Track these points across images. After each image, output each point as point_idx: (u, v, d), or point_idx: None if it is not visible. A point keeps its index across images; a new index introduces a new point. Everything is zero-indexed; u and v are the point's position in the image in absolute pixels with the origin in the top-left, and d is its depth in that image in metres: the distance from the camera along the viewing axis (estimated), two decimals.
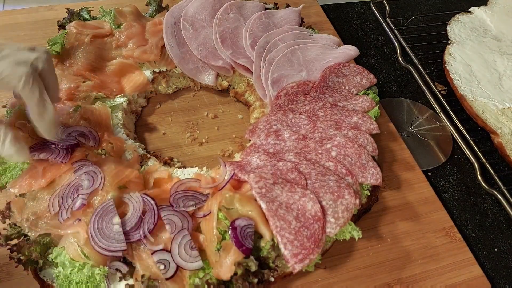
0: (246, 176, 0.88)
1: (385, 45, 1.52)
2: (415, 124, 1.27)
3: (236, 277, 0.77)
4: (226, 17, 1.22)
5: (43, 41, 1.19)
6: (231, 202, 0.84)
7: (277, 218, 0.81)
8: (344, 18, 1.61)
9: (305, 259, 0.78)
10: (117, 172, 0.87)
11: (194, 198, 0.86)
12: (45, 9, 1.39)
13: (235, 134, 1.16)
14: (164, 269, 0.76)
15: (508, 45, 1.40)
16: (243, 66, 1.16)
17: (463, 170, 1.18)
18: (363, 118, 1.05)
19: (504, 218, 1.08)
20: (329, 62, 1.15)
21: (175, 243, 0.79)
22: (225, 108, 1.22)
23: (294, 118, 1.04)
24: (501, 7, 1.53)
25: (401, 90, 1.38)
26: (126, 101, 1.10)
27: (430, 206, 1.05)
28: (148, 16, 1.27)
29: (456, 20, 1.46)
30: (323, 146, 0.97)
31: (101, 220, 0.79)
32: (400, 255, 0.95)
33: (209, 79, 1.20)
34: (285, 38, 1.19)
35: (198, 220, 0.84)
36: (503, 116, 1.18)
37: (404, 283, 0.91)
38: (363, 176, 0.94)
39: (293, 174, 0.90)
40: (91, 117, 1.00)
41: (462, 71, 1.29)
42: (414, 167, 1.12)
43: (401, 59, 1.41)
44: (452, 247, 0.98)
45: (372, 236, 0.97)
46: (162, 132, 1.14)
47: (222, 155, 1.10)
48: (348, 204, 0.86)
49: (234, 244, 0.78)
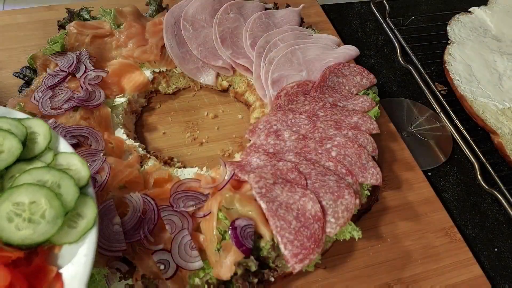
0: (246, 176, 0.88)
1: (385, 45, 1.52)
2: (415, 124, 1.27)
3: (236, 277, 0.77)
4: (226, 17, 1.22)
5: (43, 41, 1.19)
6: (231, 202, 0.84)
7: (277, 218, 0.81)
8: (344, 18, 1.61)
9: (305, 259, 0.78)
10: (117, 172, 0.87)
11: (194, 198, 0.86)
12: (45, 9, 1.39)
13: (235, 134, 1.16)
14: (164, 269, 0.76)
15: (508, 45, 1.40)
16: (243, 66, 1.16)
17: (463, 170, 1.18)
18: (363, 118, 1.05)
19: (504, 218, 1.08)
20: (329, 62, 1.15)
21: (175, 243, 0.79)
22: (225, 108, 1.22)
23: (294, 118, 1.04)
24: (501, 7, 1.53)
25: (401, 90, 1.38)
26: (126, 101, 1.10)
27: (430, 206, 1.05)
28: (148, 16, 1.27)
29: (456, 20, 1.46)
30: (323, 146, 0.97)
31: (101, 220, 0.79)
32: (400, 255, 0.95)
33: (209, 79, 1.20)
34: (285, 38, 1.19)
35: (198, 220, 0.84)
36: (503, 116, 1.18)
37: (404, 283, 0.91)
38: (363, 176, 0.94)
39: (293, 174, 0.90)
40: (91, 117, 1.00)
41: (462, 71, 1.28)
42: (414, 167, 1.12)
43: (401, 59, 1.41)
44: (452, 247, 0.98)
45: (372, 236, 0.97)
46: (162, 132, 1.14)
47: (222, 155, 1.10)
48: (348, 204, 0.86)
49: (234, 244, 0.78)
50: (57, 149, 0.73)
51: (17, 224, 0.61)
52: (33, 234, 0.61)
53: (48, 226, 0.61)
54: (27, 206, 0.62)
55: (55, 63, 1.07)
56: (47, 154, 0.71)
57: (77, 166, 0.70)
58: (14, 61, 1.21)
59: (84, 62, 1.07)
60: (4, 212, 0.60)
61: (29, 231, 0.61)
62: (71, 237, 0.63)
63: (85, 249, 0.63)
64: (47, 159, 0.71)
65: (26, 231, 0.60)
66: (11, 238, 0.60)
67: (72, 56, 1.07)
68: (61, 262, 0.62)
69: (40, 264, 0.61)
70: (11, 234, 0.60)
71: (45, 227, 0.61)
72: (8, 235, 0.60)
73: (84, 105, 1.00)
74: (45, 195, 0.63)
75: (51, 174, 0.66)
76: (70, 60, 1.06)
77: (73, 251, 0.63)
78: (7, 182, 0.67)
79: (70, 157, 0.72)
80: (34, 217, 0.61)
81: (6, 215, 0.60)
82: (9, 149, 0.68)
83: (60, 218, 0.62)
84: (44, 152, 0.71)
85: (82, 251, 0.63)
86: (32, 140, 0.72)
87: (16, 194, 0.62)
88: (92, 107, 1.01)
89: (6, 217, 0.60)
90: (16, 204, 0.61)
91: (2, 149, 0.68)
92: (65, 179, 0.66)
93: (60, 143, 0.74)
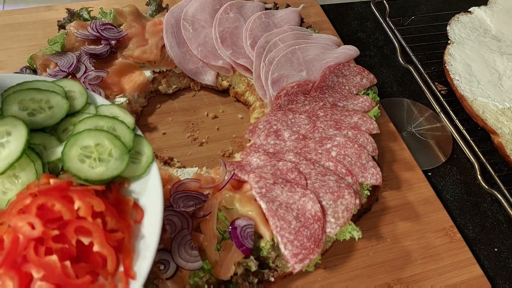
0: (246, 176, 0.88)
1: (385, 45, 1.52)
2: (415, 124, 1.27)
3: (236, 277, 0.77)
4: (226, 17, 1.22)
5: (43, 41, 1.19)
6: (231, 202, 0.84)
7: (277, 218, 0.81)
8: (344, 18, 1.61)
9: (305, 259, 0.78)
10: None
11: (194, 198, 0.86)
12: (45, 9, 1.39)
13: (235, 134, 1.16)
14: (164, 269, 0.76)
15: (508, 45, 1.40)
16: (243, 66, 1.16)
17: (463, 170, 1.18)
18: (363, 118, 1.05)
19: (504, 218, 1.08)
20: (329, 62, 1.15)
21: (175, 243, 0.78)
22: (225, 108, 1.22)
23: (294, 118, 1.04)
24: (501, 7, 1.53)
25: (401, 90, 1.38)
26: (126, 101, 1.10)
27: (430, 206, 1.05)
28: (148, 16, 1.27)
29: (456, 20, 1.46)
30: (323, 146, 0.97)
31: None
32: (400, 255, 0.95)
33: (209, 79, 1.20)
34: (285, 38, 1.19)
35: (198, 220, 0.84)
36: (503, 116, 1.18)
37: (404, 283, 0.91)
38: (363, 176, 0.94)
39: (293, 174, 0.90)
40: None
41: (462, 71, 1.28)
42: (414, 167, 1.12)
43: (401, 59, 1.41)
44: (452, 247, 0.98)
45: (372, 236, 0.97)
46: (162, 132, 1.14)
47: (222, 155, 1.10)
48: (348, 204, 0.86)
49: (234, 244, 0.78)
50: (96, 103, 0.81)
51: (90, 164, 0.69)
52: (106, 170, 0.69)
53: (118, 162, 0.70)
54: (94, 148, 0.70)
55: (55, 63, 1.07)
56: (89, 108, 0.79)
57: (120, 114, 0.78)
58: (14, 61, 1.21)
59: (84, 62, 1.07)
60: (75, 156, 0.69)
61: (103, 168, 0.69)
62: (138, 170, 0.72)
63: (152, 180, 0.71)
64: (91, 111, 0.79)
65: (100, 168, 0.69)
66: (89, 175, 0.68)
67: (72, 56, 1.07)
68: (135, 195, 0.71)
69: (117, 197, 0.69)
70: (88, 172, 0.68)
71: (115, 163, 0.70)
72: (85, 173, 0.68)
73: None
74: (107, 137, 0.71)
75: (104, 121, 0.74)
76: (70, 60, 1.06)
77: (141, 184, 0.72)
78: (63, 135, 0.76)
79: (111, 108, 0.79)
80: (103, 156, 0.70)
81: (78, 157, 0.69)
82: (57, 104, 0.76)
83: (126, 154, 0.71)
84: (85, 106, 0.79)
85: (150, 182, 0.71)
86: (71, 97, 0.79)
87: (81, 139, 0.70)
88: None
89: (78, 159, 0.68)
90: (84, 147, 0.69)
91: (51, 104, 0.76)
92: (118, 124, 0.75)
93: (96, 98, 0.82)
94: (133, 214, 0.68)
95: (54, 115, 0.75)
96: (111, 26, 1.15)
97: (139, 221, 0.68)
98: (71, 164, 0.68)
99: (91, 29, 1.12)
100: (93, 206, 0.63)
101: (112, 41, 1.12)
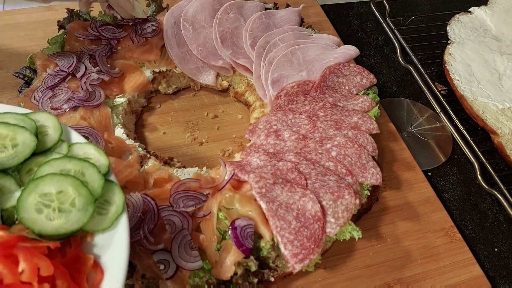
0: (246, 176, 0.88)
1: (385, 45, 1.52)
2: (415, 124, 1.27)
3: (236, 277, 0.77)
4: (226, 17, 1.22)
5: (43, 41, 1.19)
6: (231, 202, 0.84)
7: (277, 218, 0.81)
8: (344, 18, 1.61)
9: (305, 259, 0.78)
10: (117, 172, 0.87)
11: (194, 198, 0.86)
12: (45, 9, 1.39)
13: (235, 134, 1.16)
14: (164, 269, 0.76)
15: (508, 45, 1.40)
16: (243, 66, 1.16)
17: (463, 170, 1.18)
18: (363, 118, 1.05)
19: (504, 218, 1.08)
20: (329, 62, 1.15)
21: (175, 243, 0.78)
22: (225, 108, 1.22)
23: (294, 118, 1.04)
24: (501, 7, 1.53)
25: (401, 90, 1.38)
26: (126, 101, 1.10)
27: (430, 206, 1.05)
28: (148, 16, 1.27)
29: (456, 20, 1.46)
30: (323, 146, 0.97)
31: None
32: (400, 255, 0.95)
33: (209, 79, 1.20)
34: (285, 38, 1.19)
35: (198, 220, 0.84)
36: (503, 116, 1.18)
37: (404, 283, 0.91)
38: (363, 176, 0.94)
39: (293, 174, 0.90)
40: (91, 117, 1.00)
41: (462, 71, 1.28)
42: (414, 167, 1.12)
43: (401, 59, 1.41)
44: (452, 247, 0.98)
45: (372, 236, 0.97)
46: (162, 132, 1.14)
47: (222, 155, 1.10)
48: (348, 204, 0.86)
49: (234, 244, 0.78)
50: (70, 141, 0.72)
51: (48, 215, 0.59)
52: (66, 223, 0.59)
53: (80, 213, 0.61)
54: (55, 196, 0.60)
55: (55, 63, 1.07)
56: (61, 146, 0.70)
57: (94, 155, 0.69)
58: (14, 61, 1.21)
59: (84, 62, 1.07)
60: (32, 204, 0.59)
61: (62, 220, 0.59)
62: (104, 223, 0.63)
63: (119, 234, 0.62)
64: (63, 150, 0.70)
65: (59, 220, 0.59)
66: (44, 229, 0.58)
67: (72, 56, 1.07)
68: (96, 251, 0.62)
69: (76, 254, 0.60)
70: (44, 225, 0.58)
71: (77, 215, 0.60)
72: (40, 226, 0.58)
73: (84, 105, 1.00)
74: (72, 184, 0.62)
75: (73, 163, 0.65)
76: (70, 60, 1.06)
77: (106, 238, 0.63)
78: (25, 177, 0.66)
79: (85, 147, 0.70)
80: (64, 206, 0.60)
81: (35, 207, 0.59)
82: (23, 142, 0.66)
83: (91, 205, 0.61)
84: (57, 144, 0.70)
85: (116, 237, 0.62)
86: (42, 133, 0.70)
87: (42, 185, 0.60)
88: (92, 107, 1.01)
89: (34, 208, 0.59)
90: (43, 195, 0.60)
91: (16, 142, 0.66)
92: (88, 167, 0.65)
93: (72, 134, 0.73)
94: (92, 276, 0.59)
95: (17, 155, 0.65)
96: (111, 26, 1.15)
97: (96, 285, 0.58)
98: (26, 214, 0.58)
99: (91, 29, 1.12)
100: (39, 269, 0.53)
101: (112, 41, 1.12)
